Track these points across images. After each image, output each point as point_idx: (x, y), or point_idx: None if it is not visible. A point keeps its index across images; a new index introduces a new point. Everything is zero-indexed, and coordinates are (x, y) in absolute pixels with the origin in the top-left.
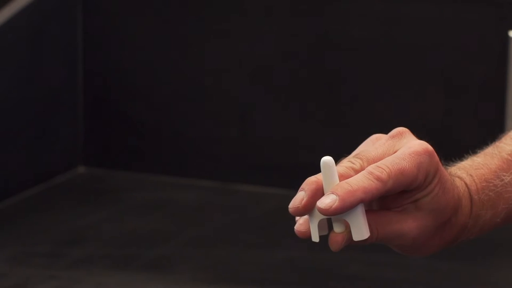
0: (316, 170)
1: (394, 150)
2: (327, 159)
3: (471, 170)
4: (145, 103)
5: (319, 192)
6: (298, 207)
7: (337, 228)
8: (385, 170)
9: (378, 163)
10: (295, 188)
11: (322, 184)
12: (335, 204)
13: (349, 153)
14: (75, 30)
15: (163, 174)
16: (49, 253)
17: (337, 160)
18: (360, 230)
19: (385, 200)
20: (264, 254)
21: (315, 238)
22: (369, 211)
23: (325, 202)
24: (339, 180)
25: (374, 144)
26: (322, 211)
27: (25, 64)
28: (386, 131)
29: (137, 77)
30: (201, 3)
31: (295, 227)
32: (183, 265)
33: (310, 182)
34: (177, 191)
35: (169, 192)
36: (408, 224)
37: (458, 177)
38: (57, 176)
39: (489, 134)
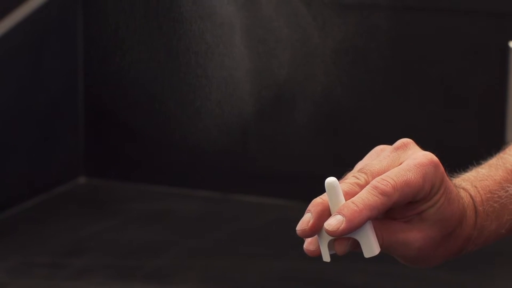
0: (316, 179)
1: (400, 162)
2: (331, 180)
3: (475, 182)
4: (146, 114)
5: (325, 213)
6: (305, 229)
7: None
8: (390, 183)
9: (383, 176)
10: (295, 199)
11: (328, 205)
12: (342, 226)
13: (351, 164)
14: (75, 41)
15: (164, 185)
16: (49, 263)
17: (342, 173)
18: (370, 247)
19: (391, 211)
20: (264, 265)
21: (326, 258)
22: (375, 220)
23: (332, 224)
24: (344, 198)
25: (379, 156)
26: (330, 233)
27: (25, 75)
28: (386, 142)
29: (138, 88)
30: (201, 15)
31: (304, 246)
32: (183, 276)
33: (316, 203)
34: (178, 201)
35: (169, 203)
36: (413, 234)
37: (463, 188)
38: (58, 187)
39: (489, 145)
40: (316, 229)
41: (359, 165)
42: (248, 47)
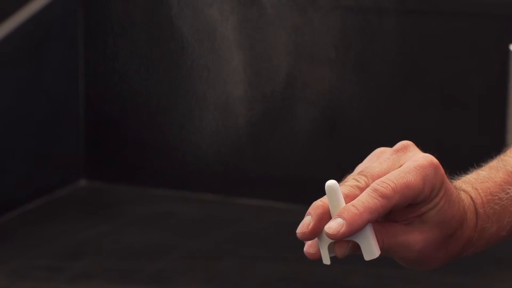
0: (316, 184)
1: (400, 164)
2: (331, 183)
3: (476, 184)
4: (146, 118)
5: (325, 216)
6: (305, 232)
7: None
8: (390, 185)
9: (383, 178)
10: (295, 202)
11: (328, 208)
12: (343, 229)
13: (352, 167)
14: (76, 45)
15: (164, 188)
16: (50, 266)
17: (342, 176)
18: (371, 250)
19: (391, 213)
20: (264, 267)
21: (326, 261)
22: (375, 222)
23: (332, 227)
24: (345, 201)
25: (379, 158)
26: (330, 236)
27: (26, 79)
28: (387, 144)
29: (138, 93)
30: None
31: (304, 249)
32: (184, 278)
33: (316, 206)
34: (178, 204)
35: (169, 206)
36: (414, 236)
37: (463, 190)
38: (58, 190)
39: (490, 147)
40: (316, 232)
41: (359, 167)
42: (249, 51)
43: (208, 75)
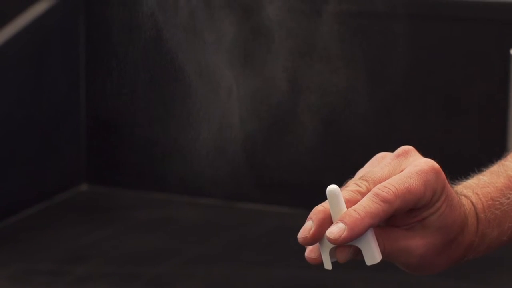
0: (318, 188)
1: (401, 169)
2: (332, 188)
3: (477, 189)
4: (147, 122)
5: (327, 221)
6: (306, 237)
7: None
8: (391, 190)
9: (384, 183)
10: (297, 206)
11: (330, 213)
12: (344, 234)
13: (353, 172)
14: (77, 51)
15: (165, 192)
16: (51, 271)
17: (343, 181)
18: (372, 255)
19: (393, 218)
20: (265, 272)
21: (328, 266)
22: (377, 227)
23: (334, 232)
24: (346, 206)
25: (380, 163)
26: (332, 241)
27: (28, 84)
28: (388, 149)
29: (139, 97)
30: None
31: (305, 254)
32: (185, 283)
33: (317, 211)
34: (179, 209)
35: (170, 210)
36: (415, 241)
37: (464, 195)
38: (60, 194)
39: (491, 152)
40: (318, 237)
41: (360, 172)
42: (252, 57)
43: (209, 77)
